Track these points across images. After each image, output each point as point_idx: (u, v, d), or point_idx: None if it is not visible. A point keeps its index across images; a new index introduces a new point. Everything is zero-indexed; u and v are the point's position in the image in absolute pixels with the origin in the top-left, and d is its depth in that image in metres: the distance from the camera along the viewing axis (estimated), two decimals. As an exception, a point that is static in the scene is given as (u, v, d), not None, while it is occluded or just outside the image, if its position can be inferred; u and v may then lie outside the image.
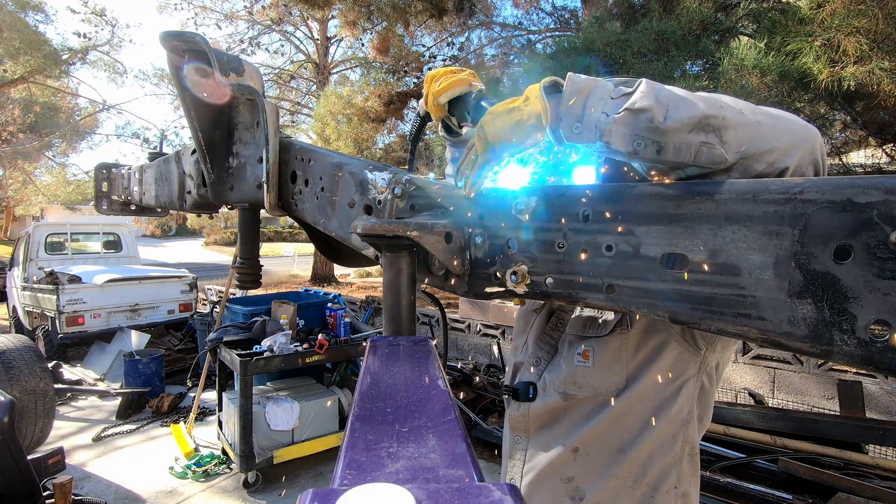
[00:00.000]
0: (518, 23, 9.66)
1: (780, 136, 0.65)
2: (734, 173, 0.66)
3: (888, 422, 3.08)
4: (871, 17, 3.09)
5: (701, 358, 0.89)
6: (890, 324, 0.49)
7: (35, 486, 2.25)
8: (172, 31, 1.22)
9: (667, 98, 0.65)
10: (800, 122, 0.69)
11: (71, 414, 5.03)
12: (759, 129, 0.65)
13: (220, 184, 1.40)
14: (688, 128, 0.63)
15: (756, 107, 0.68)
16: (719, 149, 0.63)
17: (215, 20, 13.44)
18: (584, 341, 0.96)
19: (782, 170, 0.65)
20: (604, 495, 0.91)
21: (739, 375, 4.15)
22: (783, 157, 0.65)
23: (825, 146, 0.72)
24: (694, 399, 0.91)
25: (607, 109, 0.66)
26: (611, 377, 0.92)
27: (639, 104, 0.65)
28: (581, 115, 0.68)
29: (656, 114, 0.64)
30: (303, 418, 3.71)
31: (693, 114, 0.63)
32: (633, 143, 0.65)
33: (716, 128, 0.63)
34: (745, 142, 0.64)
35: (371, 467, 0.39)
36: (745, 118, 0.65)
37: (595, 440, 0.93)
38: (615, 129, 0.65)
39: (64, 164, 17.29)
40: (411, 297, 0.84)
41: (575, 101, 0.69)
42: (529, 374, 1.04)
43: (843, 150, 5.60)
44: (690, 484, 0.93)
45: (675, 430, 0.90)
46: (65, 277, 6.21)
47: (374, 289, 11.38)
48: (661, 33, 4.09)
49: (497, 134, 0.76)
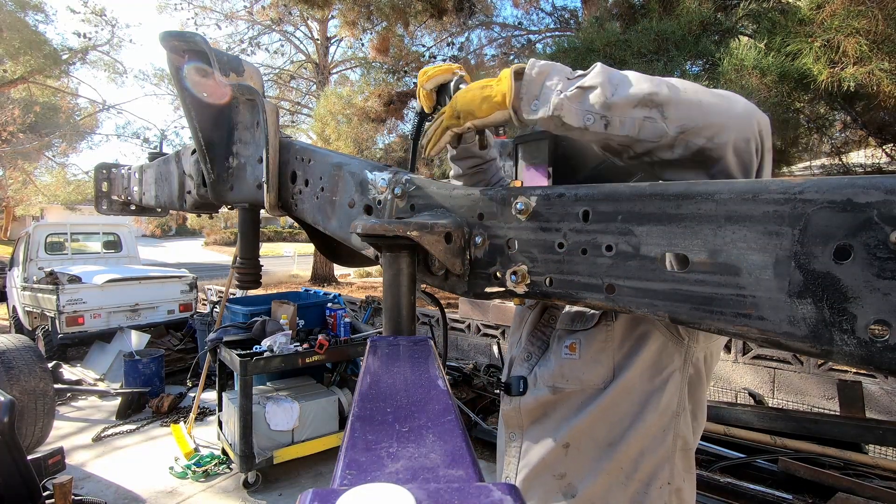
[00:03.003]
0: (518, 23, 9.68)
1: (720, 114, 0.70)
2: (678, 149, 0.70)
3: (888, 422, 3.08)
4: (870, 18, 3.09)
5: (685, 349, 0.90)
6: (890, 324, 0.49)
7: (35, 486, 2.25)
8: (172, 31, 1.22)
9: (616, 78, 0.72)
10: (741, 102, 0.72)
11: (71, 414, 5.03)
12: (700, 107, 0.70)
13: (220, 184, 1.40)
14: (632, 103, 0.70)
15: (703, 88, 0.73)
16: (661, 123, 0.69)
17: (215, 20, 13.44)
18: (572, 335, 0.97)
19: (722, 145, 0.69)
20: (596, 491, 0.91)
21: (739, 375, 4.15)
22: (721, 132, 0.69)
23: (769, 127, 0.75)
24: (683, 392, 0.91)
25: (562, 88, 0.74)
26: (598, 369, 0.92)
27: (589, 82, 0.73)
28: (539, 94, 0.76)
29: (605, 90, 0.71)
30: (303, 418, 3.71)
31: (637, 91, 0.70)
32: (584, 118, 0.72)
33: (658, 104, 0.69)
34: (685, 118, 0.69)
35: (371, 467, 0.39)
36: (686, 96, 0.70)
37: (585, 435, 0.93)
38: (567, 104, 0.73)
39: (64, 164, 17.29)
40: (411, 297, 0.84)
41: (535, 81, 0.77)
42: (520, 369, 1.05)
43: (843, 150, 5.60)
44: (684, 480, 0.93)
45: (665, 423, 0.90)
46: (65, 277, 6.21)
47: (374, 289, 11.38)
48: (661, 33, 4.10)
49: (466, 105, 0.84)
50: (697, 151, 0.70)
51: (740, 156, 0.71)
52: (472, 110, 0.83)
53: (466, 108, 0.84)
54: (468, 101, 0.84)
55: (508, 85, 0.78)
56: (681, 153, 0.71)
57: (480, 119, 0.83)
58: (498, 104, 0.80)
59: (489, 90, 0.82)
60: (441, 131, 0.91)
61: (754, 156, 0.71)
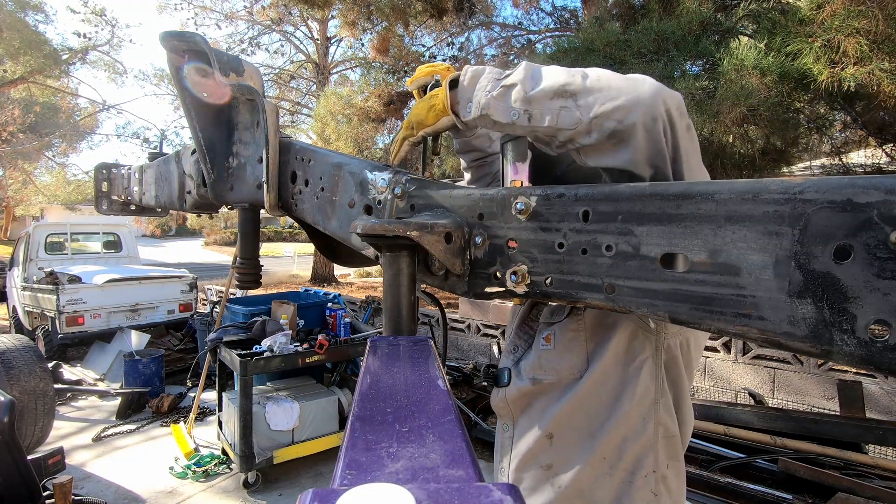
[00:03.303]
0: (518, 23, 9.68)
1: (626, 95, 0.73)
2: (594, 133, 0.75)
3: (888, 422, 3.08)
4: (871, 18, 3.09)
5: (655, 336, 0.91)
6: (890, 324, 0.49)
7: (35, 486, 2.25)
8: (172, 31, 1.22)
9: (536, 74, 0.79)
10: (647, 83, 0.74)
11: (71, 414, 5.03)
12: (609, 91, 0.73)
13: (220, 184, 1.40)
14: (549, 95, 0.76)
15: (615, 74, 0.76)
16: (575, 111, 0.74)
17: (215, 20, 13.44)
18: (549, 327, 1.00)
19: (631, 126, 0.72)
20: (583, 481, 0.93)
21: (739, 375, 4.15)
22: (628, 114, 0.72)
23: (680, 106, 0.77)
24: (660, 380, 0.92)
25: (490, 88, 0.82)
26: (571, 359, 0.94)
27: (511, 80, 0.79)
28: (471, 97, 0.84)
29: (525, 86, 0.78)
30: (303, 418, 3.71)
31: (553, 83, 0.76)
32: (510, 114, 0.79)
33: (572, 93, 0.75)
34: (596, 103, 0.73)
35: (371, 467, 0.39)
36: (598, 83, 0.75)
37: (566, 425, 0.95)
38: (494, 103, 0.81)
39: (64, 164, 17.29)
40: (411, 297, 0.84)
41: (468, 86, 0.85)
42: (507, 361, 1.08)
43: (843, 150, 5.60)
44: (668, 466, 0.94)
45: (644, 411, 0.91)
46: (65, 277, 6.21)
47: (374, 289, 11.38)
48: (661, 33, 4.10)
49: (416, 116, 0.94)
50: (611, 134, 0.74)
51: (650, 135, 0.73)
52: (422, 120, 0.93)
53: (417, 119, 0.94)
54: (417, 112, 0.94)
55: (444, 93, 0.88)
56: (597, 137, 0.75)
57: (430, 127, 0.92)
58: (441, 111, 0.90)
59: (434, 99, 0.91)
60: (399, 142, 1.01)
61: (661, 135, 0.74)
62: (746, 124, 3.66)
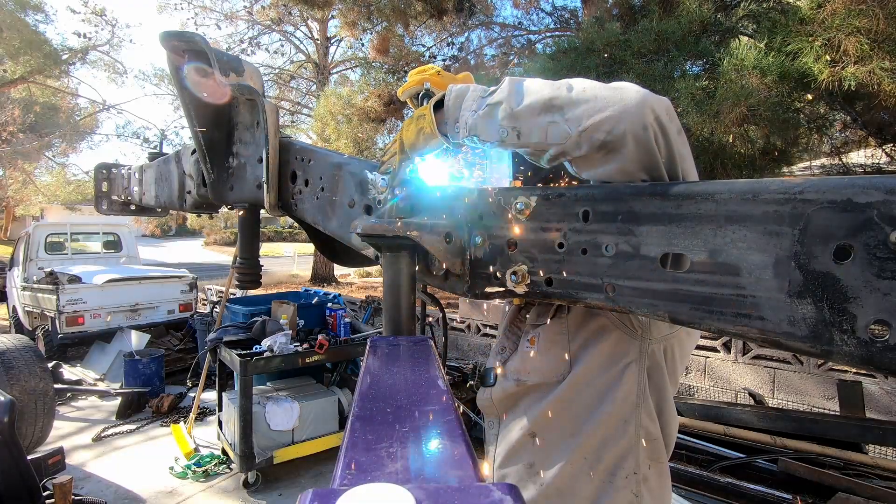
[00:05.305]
0: (518, 23, 9.67)
1: (613, 105, 0.72)
2: (583, 146, 0.73)
3: (888, 422, 3.08)
4: (871, 17, 3.08)
5: (639, 341, 0.92)
6: (890, 324, 0.49)
7: (35, 486, 2.25)
8: (172, 31, 1.22)
9: (520, 89, 0.78)
10: (632, 91, 0.73)
11: (71, 414, 5.03)
12: (595, 102, 0.72)
13: (220, 184, 1.40)
14: (536, 111, 0.75)
15: (600, 84, 0.75)
16: (564, 125, 0.73)
17: (215, 20, 13.44)
18: (534, 329, 1.00)
19: (620, 136, 0.71)
20: (563, 480, 0.94)
21: (739, 375, 4.15)
22: (617, 124, 0.71)
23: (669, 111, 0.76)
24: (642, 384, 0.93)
25: (475, 107, 0.81)
26: (555, 362, 0.95)
27: (496, 98, 0.78)
28: (458, 117, 0.83)
29: (510, 103, 0.77)
30: (303, 418, 3.71)
31: (538, 98, 0.75)
32: (499, 133, 0.78)
33: (559, 107, 0.74)
34: (583, 115, 0.72)
35: (371, 467, 0.39)
36: (584, 95, 0.74)
37: (548, 425, 0.96)
38: (480, 122, 0.80)
39: (64, 164, 17.27)
40: (411, 297, 0.84)
41: (453, 106, 0.85)
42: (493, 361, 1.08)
43: (843, 150, 5.60)
44: (650, 468, 0.94)
45: (626, 414, 0.92)
46: (65, 277, 6.20)
47: (374, 289, 11.38)
48: (661, 33, 4.09)
49: (408, 140, 0.93)
50: (601, 145, 0.73)
51: (640, 143, 0.72)
52: (414, 144, 0.93)
53: (409, 143, 0.94)
54: (408, 137, 0.94)
55: (430, 116, 0.89)
56: (587, 150, 0.74)
57: (420, 149, 0.93)
58: (429, 134, 0.90)
59: (421, 122, 0.91)
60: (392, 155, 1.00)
61: (653, 142, 0.73)
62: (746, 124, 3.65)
